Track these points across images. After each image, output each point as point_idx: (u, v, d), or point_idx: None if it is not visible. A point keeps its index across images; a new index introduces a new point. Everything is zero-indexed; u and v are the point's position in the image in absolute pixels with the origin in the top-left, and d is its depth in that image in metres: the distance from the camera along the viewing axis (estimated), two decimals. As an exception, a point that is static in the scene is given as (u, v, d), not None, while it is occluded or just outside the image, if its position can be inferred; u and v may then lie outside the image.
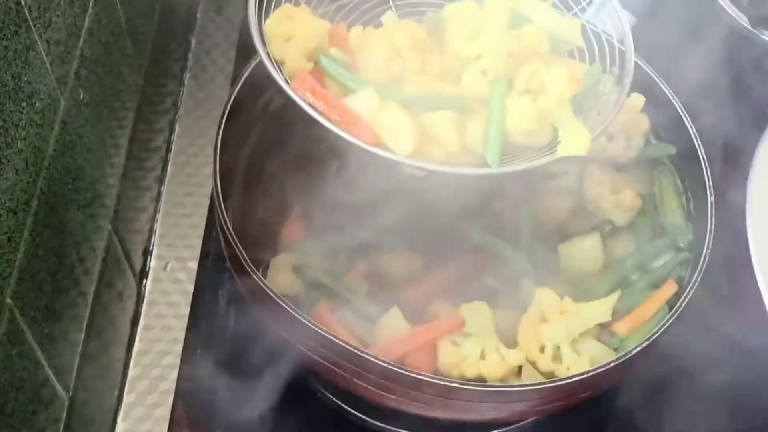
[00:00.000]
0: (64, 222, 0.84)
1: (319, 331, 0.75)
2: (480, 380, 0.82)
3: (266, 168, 0.96)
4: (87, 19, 0.88)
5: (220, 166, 0.85)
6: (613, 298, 0.87)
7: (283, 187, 0.98)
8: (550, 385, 0.75)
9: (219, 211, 0.82)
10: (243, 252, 0.79)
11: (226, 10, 1.23)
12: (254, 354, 0.99)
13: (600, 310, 0.86)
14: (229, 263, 0.85)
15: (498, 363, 0.83)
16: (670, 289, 0.88)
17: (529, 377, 0.83)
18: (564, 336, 0.83)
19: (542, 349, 0.83)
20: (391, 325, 0.87)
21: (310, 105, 0.76)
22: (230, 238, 0.80)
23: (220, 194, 0.83)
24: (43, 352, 0.79)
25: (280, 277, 0.92)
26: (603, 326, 0.87)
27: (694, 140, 0.92)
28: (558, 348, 0.83)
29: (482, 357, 0.83)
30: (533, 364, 0.83)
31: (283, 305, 0.76)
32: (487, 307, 0.86)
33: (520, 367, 0.84)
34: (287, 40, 0.80)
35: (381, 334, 0.87)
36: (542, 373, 0.83)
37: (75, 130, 0.86)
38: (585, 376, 0.76)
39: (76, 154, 0.86)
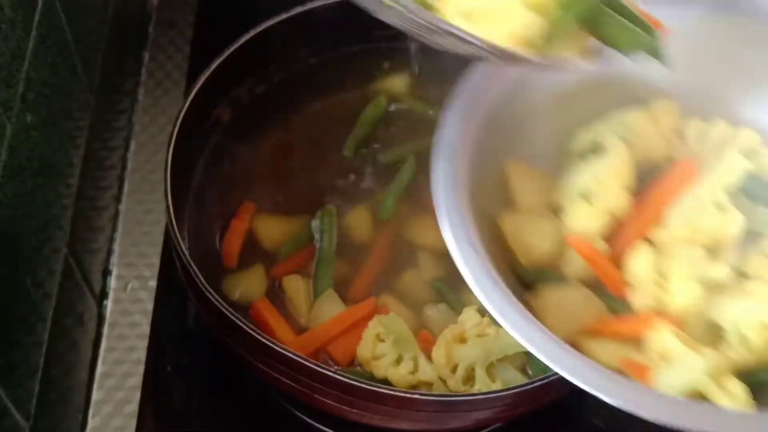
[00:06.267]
0: (17, 248, 0.82)
1: (259, 337, 0.75)
2: (385, 383, 0.81)
3: (221, 180, 0.96)
4: (31, 42, 0.87)
5: (174, 182, 0.85)
6: None
7: (238, 198, 0.98)
8: (512, 392, 0.75)
9: (171, 228, 0.81)
10: (194, 267, 0.79)
11: (179, 24, 1.22)
12: (220, 372, 0.98)
13: None
14: (183, 280, 0.84)
15: (407, 373, 0.81)
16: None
17: None
18: (480, 358, 0.81)
19: (454, 369, 0.82)
20: (327, 310, 0.86)
21: None
22: (182, 254, 0.79)
23: (171, 211, 0.82)
24: (1, 383, 0.78)
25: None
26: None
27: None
28: (472, 369, 0.82)
29: (397, 362, 0.82)
30: (444, 382, 0.82)
31: (230, 315, 0.76)
32: (402, 321, 0.84)
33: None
34: None
35: (316, 318, 0.86)
36: (452, 392, 0.81)
37: (24, 154, 0.84)
38: (548, 380, 0.76)
39: (27, 178, 0.85)
